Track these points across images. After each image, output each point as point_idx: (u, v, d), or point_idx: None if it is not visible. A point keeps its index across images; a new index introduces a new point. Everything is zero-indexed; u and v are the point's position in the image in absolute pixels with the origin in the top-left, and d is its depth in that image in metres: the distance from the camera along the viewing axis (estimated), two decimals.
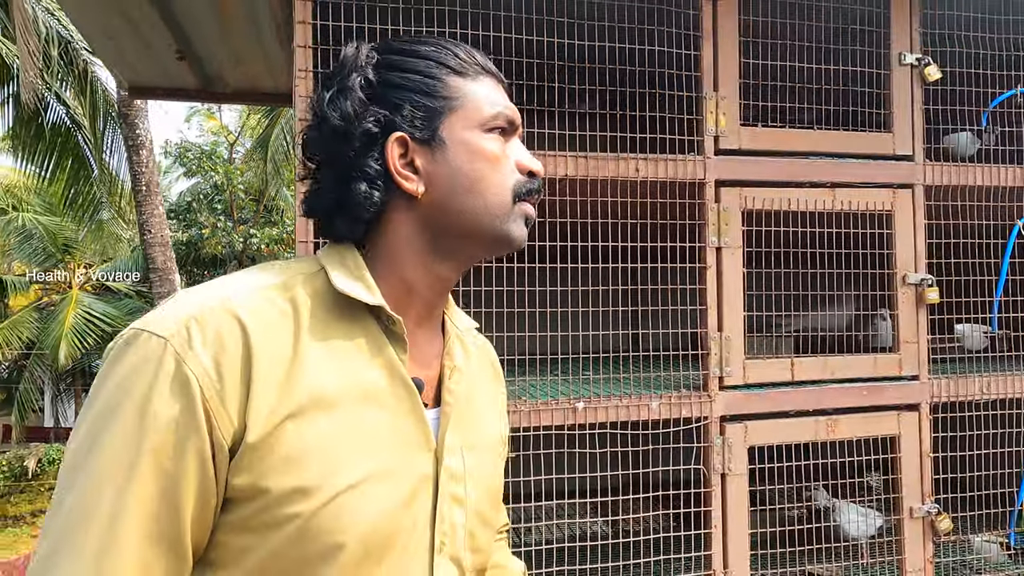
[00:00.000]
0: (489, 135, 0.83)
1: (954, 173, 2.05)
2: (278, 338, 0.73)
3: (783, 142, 1.96)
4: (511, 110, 0.85)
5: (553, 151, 1.78)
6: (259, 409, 0.69)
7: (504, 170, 0.83)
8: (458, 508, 0.82)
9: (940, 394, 2.04)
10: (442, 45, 0.84)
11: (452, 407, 0.84)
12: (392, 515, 0.74)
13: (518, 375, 1.99)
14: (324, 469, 0.71)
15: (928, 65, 2.01)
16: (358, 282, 0.79)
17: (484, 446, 0.89)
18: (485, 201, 0.81)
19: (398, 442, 0.77)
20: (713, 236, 1.88)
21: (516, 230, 0.84)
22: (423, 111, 0.80)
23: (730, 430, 1.88)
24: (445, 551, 0.80)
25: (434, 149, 0.81)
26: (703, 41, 1.88)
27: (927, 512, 1.99)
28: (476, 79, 0.84)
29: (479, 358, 0.96)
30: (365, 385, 0.76)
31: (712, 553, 1.85)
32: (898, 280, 2.01)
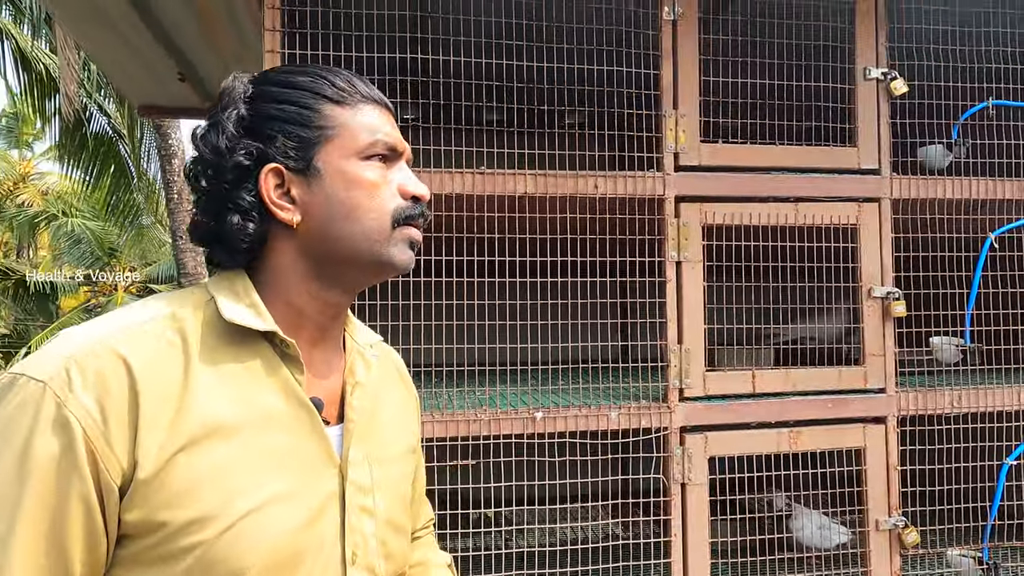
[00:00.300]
0: (367, 163, 0.83)
1: (922, 186, 2.05)
2: (166, 372, 0.73)
3: (744, 158, 1.99)
4: (392, 137, 0.86)
5: (512, 169, 1.85)
6: (148, 446, 0.69)
7: (382, 196, 0.83)
8: (368, 519, 0.84)
9: (908, 407, 2.04)
10: (320, 75, 0.84)
11: (355, 423, 0.86)
12: (296, 535, 0.75)
13: (478, 385, 2.06)
14: (221, 497, 0.71)
15: (894, 79, 2.01)
16: (248, 308, 0.80)
17: (392, 456, 0.92)
18: (363, 228, 0.82)
19: (300, 462, 0.79)
20: (673, 251, 1.92)
21: (398, 255, 0.84)
22: (297, 141, 0.81)
23: (690, 441, 1.92)
24: (358, 562, 0.82)
25: (310, 179, 0.82)
26: (663, 61, 1.93)
27: (894, 525, 1.99)
28: (355, 107, 0.84)
29: (383, 369, 0.97)
30: (262, 409, 0.77)
31: (672, 561, 1.89)
32: (864, 293, 2.02)
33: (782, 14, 2.01)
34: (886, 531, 1.99)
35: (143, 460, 0.69)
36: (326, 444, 0.82)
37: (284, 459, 0.77)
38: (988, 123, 2.10)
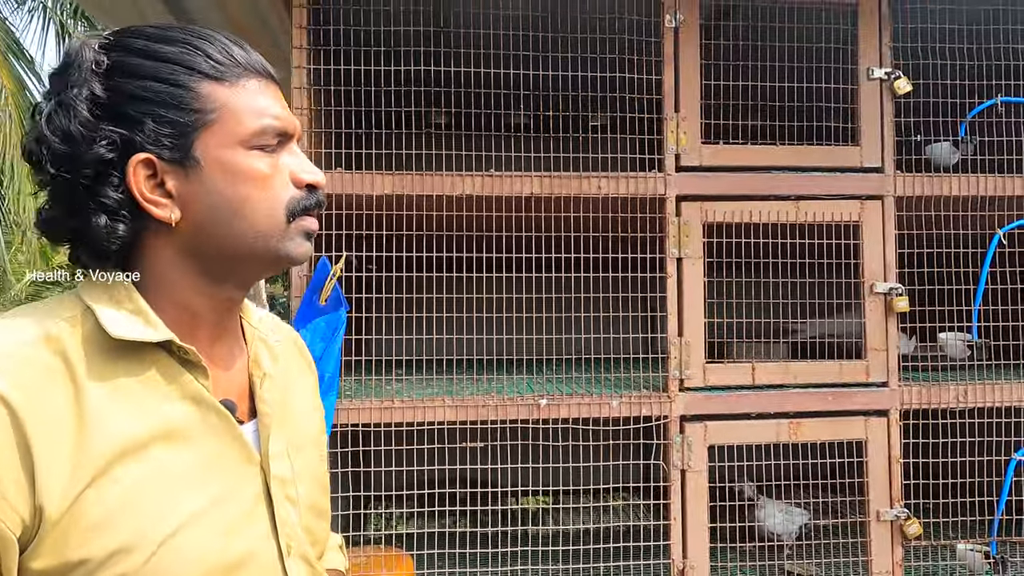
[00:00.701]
0: (254, 152, 0.74)
1: (927, 183, 2.07)
2: (54, 405, 0.65)
3: (745, 158, 2.06)
4: (282, 119, 0.76)
5: (520, 172, 1.98)
6: (51, 489, 0.63)
7: (274, 188, 0.75)
8: (293, 508, 0.81)
9: (912, 401, 2.07)
10: (191, 44, 0.73)
11: (270, 416, 0.81)
12: (226, 545, 0.71)
13: (495, 373, 2.19)
14: (139, 525, 0.66)
15: (898, 78, 2.05)
16: (135, 317, 0.71)
17: (307, 442, 0.89)
18: (253, 225, 0.74)
19: (219, 471, 0.74)
20: (674, 248, 2.01)
21: (295, 248, 0.77)
22: (170, 127, 0.70)
23: (690, 429, 2.00)
24: (294, 552, 0.79)
25: (188, 170, 0.72)
26: (664, 66, 2.02)
27: (896, 516, 2.03)
28: (236, 84, 0.74)
29: (286, 352, 0.91)
30: (168, 424, 0.71)
31: (671, 543, 1.98)
32: (866, 289, 2.06)
33: (783, 18, 2.07)
34: (887, 522, 2.03)
35: (48, 505, 0.63)
36: (244, 446, 0.77)
37: (201, 472, 0.72)
38: (998, 120, 2.10)
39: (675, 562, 1.99)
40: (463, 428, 1.95)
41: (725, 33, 2.05)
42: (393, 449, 1.98)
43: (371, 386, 2.04)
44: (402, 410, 1.94)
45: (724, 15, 2.12)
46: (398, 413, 1.93)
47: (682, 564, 1.98)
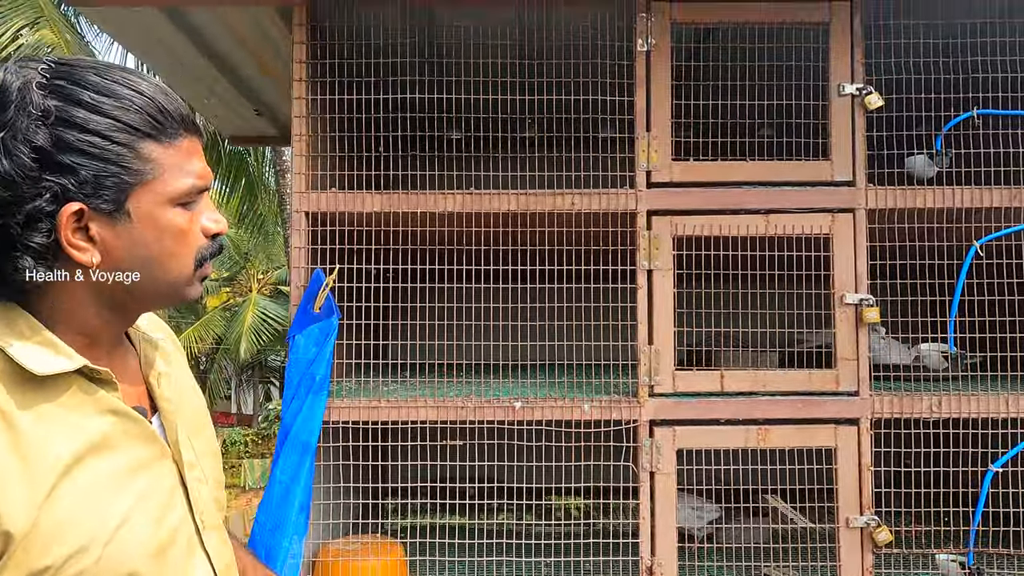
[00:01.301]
0: (178, 208, 0.80)
1: (899, 196, 2.10)
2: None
3: (716, 174, 2.14)
4: (203, 178, 0.83)
5: (498, 190, 2.12)
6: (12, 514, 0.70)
7: (190, 243, 0.82)
8: (203, 487, 0.91)
9: (883, 410, 2.10)
10: (132, 100, 0.76)
11: (172, 412, 0.89)
12: (158, 529, 0.81)
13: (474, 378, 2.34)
14: (90, 526, 0.74)
15: (869, 94, 2.09)
16: (47, 349, 0.75)
17: (202, 423, 0.98)
18: (167, 276, 0.82)
19: (143, 468, 0.82)
20: (644, 260, 2.11)
21: (192, 292, 0.85)
22: (108, 182, 0.75)
23: (659, 433, 2.10)
24: (207, 526, 0.89)
25: (116, 221, 0.76)
26: (636, 88, 2.13)
27: (865, 523, 2.07)
28: (170, 144, 0.79)
29: (170, 348, 0.98)
30: (95, 438, 0.77)
31: (640, 541, 2.09)
32: (836, 300, 2.11)
33: (755, 39, 2.14)
34: (857, 529, 2.07)
35: (12, 529, 0.70)
36: (157, 443, 0.85)
37: (128, 474, 0.80)
38: (975, 132, 2.11)
39: (643, 559, 2.08)
40: (443, 427, 2.11)
41: (696, 55, 2.14)
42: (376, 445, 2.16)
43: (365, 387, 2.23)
44: (388, 409, 2.11)
45: (696, 37, 2.20)
46: (384, 412, 2.11)
47: (650, 562, 2.08)
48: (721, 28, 2.21)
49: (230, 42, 2.45)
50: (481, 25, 2.18)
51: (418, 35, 2.23)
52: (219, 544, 0.91)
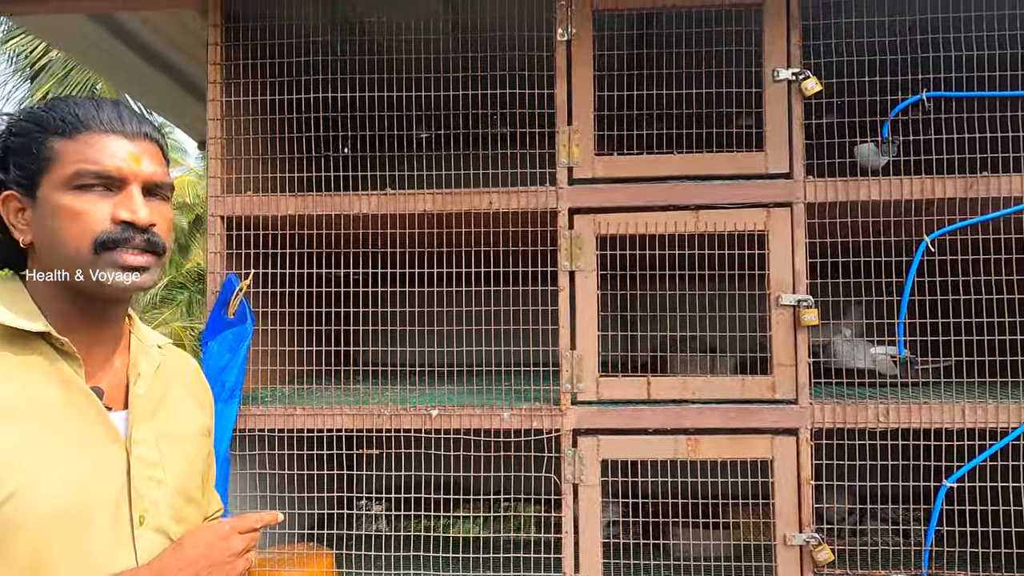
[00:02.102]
0: (75, 192, 0.90)
1: (842, 188, 1.93)
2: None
3: (642, 168, 2.01)
4: (102, 165, 0.91)
5: (413, 190, 2.04)
6: None
7: (86, 223, 0.90)
8: (157, 488, 0.96)
9: (824, 419, 1.94)
10: (56, 108, 0.93)
11: (138, 407, 0.98)
12: (77, 499, 0.87)
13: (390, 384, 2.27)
14: (9, 463, 0.83)
15: (806, 79, 1.93)
16: (20, 315, 0.90)
17: (182, 435, 1.04)
18: (64, 253, 0.90)
19: (81, 442, 0.90)
20: (566, 261, 2.00)
21: (105, 278, 0.90)
22: (24, 171, 0.91)
23: (583, 443, 1.99)
24: (147, 524, 0.94)
25: (35, 205, 0.92)
26: (557, 80, 2.01)
27: (805, 541, 1.91)
28: (75, 138, 0.91)
29: (171, 363, 1.09)
30: (43, 398, 0.88)
31: (563, 556, 1.98)
32: (772, 301, 1.96)
33: (683, 24, 2.01)
34: (796, 547, 1.92)
35: None
36: (107, 424, 0.93)
37: (64, 436, 0.88)
38: (926, 117, 1.93)
39: (566, 575, 1.98)
40: (360, 436, 2.04)
41: (619, 43, 2.01)
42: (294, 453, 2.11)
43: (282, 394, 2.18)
44: (304, 417, 2.06)
45: (618, 24, 2.08)
46: (300, 420, 2.05)
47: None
48: (649, 14, 2.07)
49: (162, 44, 2.43)
50: (399, 20, 2.10)
51: (337, 32, 2.17)
52: (157, 545, 0.94)
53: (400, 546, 2.05)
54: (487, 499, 2.21)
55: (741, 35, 2.00)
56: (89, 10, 2.21)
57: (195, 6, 2.14)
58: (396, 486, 2.14)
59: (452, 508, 2.15)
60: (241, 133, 2.18)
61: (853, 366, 2.33)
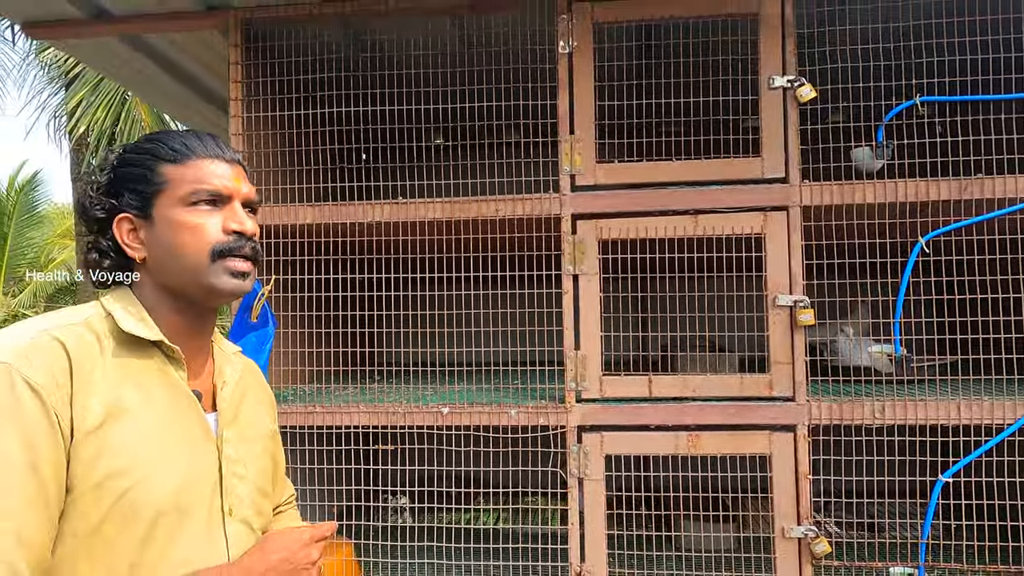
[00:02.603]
0: (192, 208, 1.01)
1: (836, 192, 1.99)
2: (90, 360, 0.94)
3: (641, 175, 2.08)
4: (216, 184, 1.02)
5: (423, 199, 2.14)
6: (81, 411, 0.91)
7: (203, 235, 1.00)
8: (240, 483, 1.06)
9: (822, 416, 2.00)
10: (161, 140, 1.04)
11: (226, 412, 1.08)
12: (185, 489, 0.97)
13: (404, 383, 2.37)
14: (132, 456, 0.92)
15: (801, 86, 1.98)
16: (140, 323, 1.00)
17: (254, 436, 1.13)
18: (184, 263, 1.00)
19: (186, 437, 1.00)
20: (569, 265, 2.08)
21: (218, 282, 1.00)
22: (139, 196, 1.02)
23: (587, 439, 2.07)
24: (235, 515, 1.03)
25: (150, 224, 1.02)
26: (559, 91, 2.09)
27: (804, 533, 1.98)
28: (183, 164, 1.02)
29: (246, 374, 1.19)
30: (155, 397, 0.98)
31: (569, 547, 2.07)
32: (769, 302, 2.02)
33: (682, 35, 2.07)
34: (794, 539, 1.98)
35: (79, 421, 0.90)
36: (205, 424, 1.03)
37: (174, 434, 0.98)
38: (920, 121, 1.97)
39: (572, 566, 2.06)
40: (376, 432, 2.15)
41: (619, 54, 2.08)
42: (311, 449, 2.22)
43: (304, 393, 2.30)
44: (322, 415, 2.17)
45: (618, 36, 2.15)
46: (319, 418, 2.17)
47: (579, 568, 2.06)
48: (648, 25, 2.14)
49: (188, 61, 2.56)
50: (408, 37, 2.20)
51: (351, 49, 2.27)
52: (244, 536, 1.04)
53: (415, 536, 2.15)
54: (496, 492, 2.30)
55: (738, 44, 2.06)
56: (121, 32, 2.34)
57: (217, 27, 2.26)
58: (410, 480, 2.25)
59: (464, 501, 2.25)
60: (262, 147, 2.30)
61: (855, 364, 2.37)
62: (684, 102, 2.10)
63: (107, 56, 2.54)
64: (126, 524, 0.91)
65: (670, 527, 2.37)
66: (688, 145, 2.12)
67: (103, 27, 2.34)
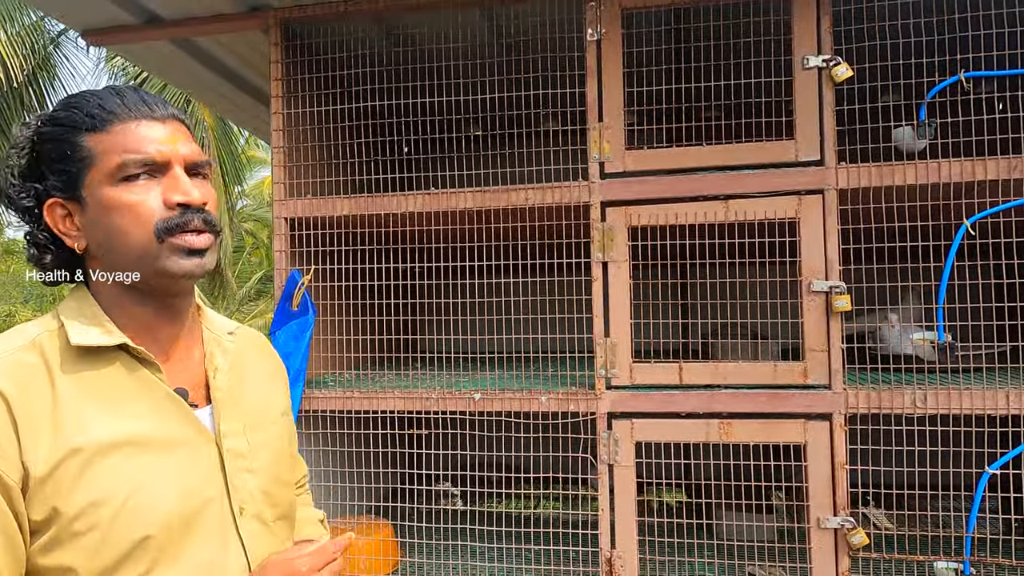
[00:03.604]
0: (124, 184, 0.85)
1: (875, 174, 1.91)
2: (35, 391, 0.81)
3: (671, 161, 2.05)
4: (144, 152, 0.86)
5: (455, 189, 2.17)
6: (34, 455, 0.78)
7: (142, 215, 0.85)
8: (251, 477, 0.94)
9: (859, 405, 1.93)
10: (75, 105, 0.87)
11: (223, 402, 0.95)
12: (182, 503, 0.85)
13: (438, 370, 2.40)
14: (109, 483, 0.80)
15: (837, 65, 1.91)
16: (95, 327, 0.86)
17: (266, 421, 1.02)
18: (128, 249, 0.86)
19: (175, 443, 0.87)
20: (599, 252, 2.08)
21: (172, 266, 0.86)
22: (64, 176, 0.86)
23: (617, 426, 2.06)
24: (246, 513, 0.92)
25: (82, 207, 0.87)
26: (587, 79, 2.08)
27: (840, 524, 1.92)
28: (107, 131, 0.86)
29: (244, 349, 1.05)
30: (127, 410, 0.85)
31: (600, 533, 2.07)
32: (803, 287, 1.96)
33: (708, 17, 2.03)
34: (830, 530, 1.93)
35: (32, 467, 0.78)
36: (196, 424, 0.90)
37: (160, 444, 0.86)
38: (964, 98, 1.87)
39: (603, 551, 2.07)
40: (409, 417, 2.20)
41: (648, 39, 2.05)
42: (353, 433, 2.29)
43: (344, 379, 2.37)
44: (360, 399, 2.23)
45: (647, 21, 2.11)
46: (356, 402, 2.23)
47: (609, 553, 2.06)
48: (677, 9, 2.10)
49: (233, 60, 2.66)
50: (437, 30, 2.23)
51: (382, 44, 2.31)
52: (258, 534, 0.93)
53: (450, 519, 2.20)
54: (528, 478, 2.32)
55: (770, 25, 2.00)
56: (171, 36, 2.45)
57: (259, 27, 2.34)
58: (445, 465, 2.29)
59: (496, 485, 2.28)
60: (301, 141, 2.37)
61: (901, 352, 2.28)
62: (715, 86, 2.06)
63: (159, 58, 2.67)
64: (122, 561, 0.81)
65: (702, 515, 2.34)
66: (719, 129, 2.07)
67: (155, 31, 2.45)
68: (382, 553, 2.30)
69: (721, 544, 2.18)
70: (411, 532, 2.30)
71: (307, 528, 1.15)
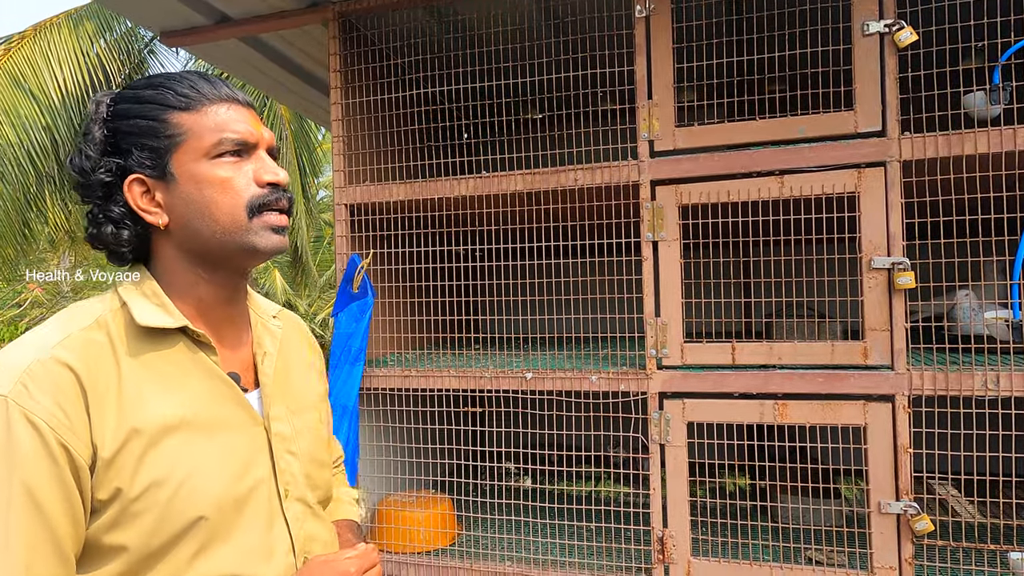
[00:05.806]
0: (216, 161, 0.88)
1: (942, 143, 1.79)
2: (103, 370, 0.82)
3: (723, 136, 1.98)
4: (239, 131, 0.89)
5: (504, 172, 2.17)
6: (102, 435, 0.79)
7: (235, 191, 0.88)
8: (294, 460, 0.97)
9: (924, 387, 1.83)
10: (165, 85, 0.89)
11: (270, 387, 0.97)
12: (234, 485, 0.87)
13: (493, 349, 2.42)
14: (168, 465, 0.82)
15: (900, 30, 1.79)
16: (159, 309, 0.88)
17: (307, 406, 1.04)
18: (219, 224, 0.88)
19: (229, 427, 0.89)
20: (649, 231, 2.04)
21: (260, 242, 0.89)
22: (150, 152, 0.87)
23: (668, 405, 2.03)
24: (291, 496, 0.95)
25: (169, 183, 0.88)
26: (636, 56, 2.03)
27: (902, 510, 1.83)
28: (199, 110, 0.88)
29: (288, 335, 1.08)
30: (188, 391, 0.87)
31: (651, 512, 2.05)
32: (864, 264, 1.87)
33: None
34: (892, 515, 1.84)
35: (100, 447, 0.79)
36: (247, 408, 0.93)
37: (213, 429, 0.88)
38: None
39: (655, 530, 2.05)
40: (464, 395, 2.24)
41: (698, 13, 1.98)
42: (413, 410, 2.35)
43: (403, 358, 2.43)
44: (417, 378, 2.29)
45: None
46: (414, 381, 2.29)
47: (661, 533, 2.04)
48: None
49: (296, 53, 2.76)
50: (488, 15, 2.23)
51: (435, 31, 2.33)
52: (301, 515, 0.96)
53: (505, 495, 2.23)
54: (580, 456, 2.32)
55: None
56: (240, 34, 2.56)
57: (318, 21, 2.41)
58: (499, 442, 2.32)
59: (549, 463, 2.29)
60: (358, 130, 2.43)
61: (976, 332, 2.14)
62: (769, 58, 1.97)
63: (232, 57, 2.79)
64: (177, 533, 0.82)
65: (764, 498, 2.27)
66: (774, 103, 1.98)
67: (225, 30, 2.56)
68: (441, 526, 2.36)
69: (777, 527, 2.12)
70: (470, 507, 2.34)
71: (343, 507, 1.18)
